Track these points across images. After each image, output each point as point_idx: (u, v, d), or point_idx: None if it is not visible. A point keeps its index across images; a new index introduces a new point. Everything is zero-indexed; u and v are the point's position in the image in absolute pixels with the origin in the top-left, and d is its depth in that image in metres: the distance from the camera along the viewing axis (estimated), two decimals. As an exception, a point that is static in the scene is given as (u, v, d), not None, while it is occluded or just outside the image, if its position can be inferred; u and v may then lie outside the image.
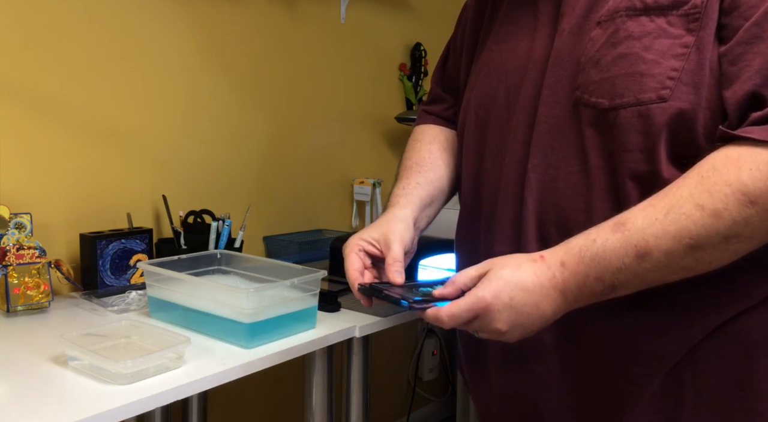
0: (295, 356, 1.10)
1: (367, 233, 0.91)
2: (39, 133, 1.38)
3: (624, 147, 0.75)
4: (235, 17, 1.71)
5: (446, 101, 1.11)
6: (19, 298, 1.21)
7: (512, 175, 0.86)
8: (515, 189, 0.85)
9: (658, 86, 0.73)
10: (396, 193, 0.99)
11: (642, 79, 0.74)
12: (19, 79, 1.35)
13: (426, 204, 0.99)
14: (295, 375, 1.39)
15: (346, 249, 0.90)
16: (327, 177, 2.02)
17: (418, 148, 1.06)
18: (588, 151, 0.78)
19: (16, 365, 0.98)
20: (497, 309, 0.71)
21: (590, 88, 0.78)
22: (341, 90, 2.03)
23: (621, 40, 0.76)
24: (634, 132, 0.75)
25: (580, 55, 0.80)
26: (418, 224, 0.97)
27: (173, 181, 1.61)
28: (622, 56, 0.76)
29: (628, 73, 0.75)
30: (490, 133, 0.91)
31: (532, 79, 0.85)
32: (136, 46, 1.52)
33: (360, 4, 2.05)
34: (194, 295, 1.14)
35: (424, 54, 2.27)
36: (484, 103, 0.92)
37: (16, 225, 1.25)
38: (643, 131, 0.74)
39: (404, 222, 0.92)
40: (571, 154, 0.80)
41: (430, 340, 2.39)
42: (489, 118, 0.91)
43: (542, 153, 0.82)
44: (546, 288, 0.72)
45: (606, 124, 0.77)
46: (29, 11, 1.35)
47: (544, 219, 0.82)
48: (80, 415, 0.81)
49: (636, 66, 0.75)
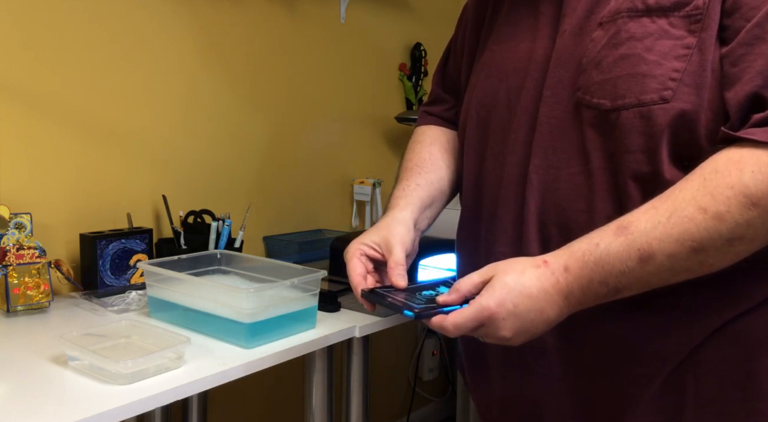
0: (295, 356, 1.10)
1: (368, 237, 0.91)
2: (39, 133, 1.38)
3: (626, 148, 0.75)
4: (235, 17, 1.71)
5: (447, 102, 1.11)
6: (19, 298, 1.21)
7: (513, 176, 0.86)
8: (516, 189, 0.85)
9: (660, 87, 0.73)
10: (396, 194, 0.99)
11: (644, 80, 0.74)
12: (19, 79, 1.35)
13: (426, 205, 0.99)
14: (295, 375, 1.39)
15: (348, 254, 0.90)
16: (327, 177, 2.02)
17: (419, 149, 1.06)
18: (589, 152, 0.78)
19: (16, 365, 0.98)
20: (502, 317, 0.71)
21: (592, 89, 0.78)
22: (341, 90, 2.03)
23: (623, 41, 0.76)
24: (635, 133, 0.75)
25: (581, 56, 0.80)
26: (418, 225, 0.97)
27: (173, 181, 1.61)
28: (623, 57, 0.76)
29: (629, 74, 0.75)
30: (491, 133, 0.91)
31: (534, 80, 0.85)
32: (136, 46, 1.52)
33: (360, 4, 2.05)
34: (194, 295, 1.14)
35: (424, 54, 2.27)
36: (485, 103, 0.92)
37: (16, 225, 1.25)
38: (644, 132, 0.74)
39: (405, 225, 0.92)
40: (573, 155, 0.80)
41: (430, 340, 2.39)
42: (490, 119, 0.91)
43: (543, 154, 0.82)
44: (550, 294, 0.72)
45: (608, 125, 0.77)
46: (29, 11, 1.35)
47: (545, 220, 0.82)
48: (80, 415, 0.81)
49: (638, 67, 0.75)
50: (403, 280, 0.85)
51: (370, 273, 0.89)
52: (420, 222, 0.97)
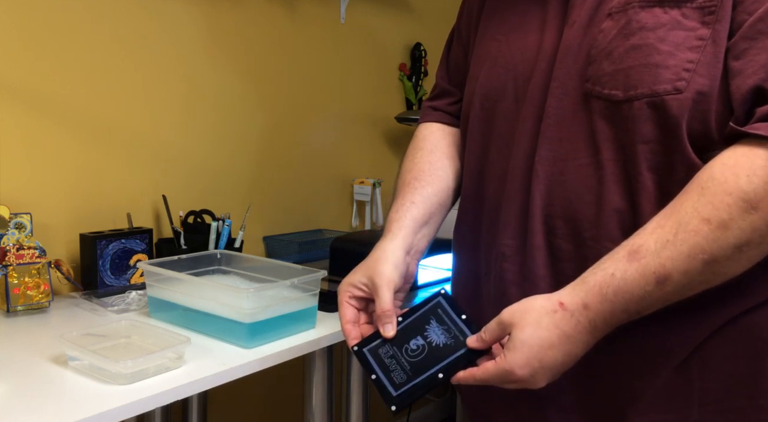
0: (295, 356, 1.10)
1: (356, 277, 0.89)
2: (39, 133, 1.38)
3: (639, 138, 0.75)
4: (235, 17, 1.71)
5: (453, 95, 1.08)
6: (19, 298, 1.21)
7: (519, 168, 0.84)
8: (522, 181, 0.84)
9: (674, 77, 0.73)
10: (390, 217, 0.97)
11: (657, 70, 0.73)
12: (19, 79, 1.35)
13: (421, 223, 0.96)
14: (295, 375, 1.39)
15: (339, 296, 0.89)
16: (327, 177, 2.02)
17: (419, 158, 1.02)
18: (599, 143, 0.78)
19: (16, 365, 0.98)
20: (530, 374, 0.72)
21: (602, 79, 0.77)
22: (341, 90, 2.03)
23: (634, 31, 0.75)
24: (649, 123, 0.74)
25: (590, 47, 0.79)
26: (413, 249, 0.94)
27: (173, 181, 1.61)
28: (635, 47, 0.75)
29: (642, 64, 0.74)
30: (496, 125, 0.90)
31: (542, 72, 0.84)
32: (136, 46, 1.52)
33: (360, 4, 2.05)
34: (194, 295, 1.14)
35: (424, 54, 2.27)
36: (491, 95, 0.91)
37: (16, 225, 1.25)
38: (658, 122, 0.74)
39: (392, 260, 0.89)
40: (581, 147, 0.79)
41: (430, 340, 2.38)
42: (495, 110, 0.90)
43: (551, 145, 0.81)
44: (572, 337, 0.72)
45: (619, 115, 0.76)
46: (29, 11, 1.35)
47: (551, 213, 0.81)
48: (80, 415, 0.81)
49: (650, 57, 0.74)
50: (391, 329, 0.84)
51: (363, 312, 0.88)
52: (416, 245, 0.95)
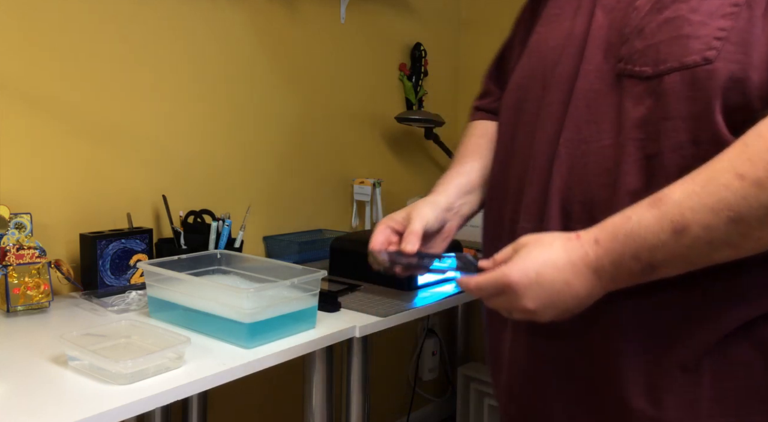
0: (295, 356, 1.10)
1: (396, 214, 0.96)
2: (39, 132, 1.38)
3: (666, 115, 0.71)
4: (235, 17, 1.71)
5: (495, 93, 1.08)
6: (19, 298, 1.21)
7: (543, 151, 0.83)
8: (544, 165, 0.82)
9: (704, 47, 0.69)
10: (437, 183, 1.02)
11: (687, 41, 0.70)
12: (20, 78, 1.35)
13: (465, 190, 1.00)
14: (295, 375, 1.39)
15: (375, 227, 0.96)
16: (327, 177, 2.02)
17: (467, 141, 1.07)
18: (624, 123, 0.75)
19: (16, 365, 0.98)
20: (524, 285, 0.70)
21: (634, 57, 0.75)
22: (341, 90, 2.03)
23: (667, 4, 0.73)
24: (679, 99, 0.71)
25: (623, 26, 0.77)
26: (455, 208, 0.98)
27: (173, 181, 1.61)
28: (667, 21, 0.73)
29: (672, 37, 0.72)
30: (525, 112, 0.89)
31: (570, 56, 0.83)
32: (136, 47, 1.52)
33: (360, 4, 2.05)
34: (194, 295, 1.14)
35: (424, 54, 2.27)
36: (522, 83, 0.91)
37: (16, 225, 1.25)
38: (689, 97, 0.70)
39: (431, 205, 0.95)
40: (606, 128, 0.77)
41: (430, 340, 2.39)
42: (526, 98, 0.90)
43: (576, 127, 0.79)
44: (577, 266, 0.69)
45: (649, 93, 0.73)
46: (30, 11, 1.35)
47: (569, 197, 0.79)
48: (80, 415, 0.82)
49: (681, 29, 0.71)
50: (411, 246, 0.88)
51: (393, 244, 0.93)
52: (459, 207, 0.99)
